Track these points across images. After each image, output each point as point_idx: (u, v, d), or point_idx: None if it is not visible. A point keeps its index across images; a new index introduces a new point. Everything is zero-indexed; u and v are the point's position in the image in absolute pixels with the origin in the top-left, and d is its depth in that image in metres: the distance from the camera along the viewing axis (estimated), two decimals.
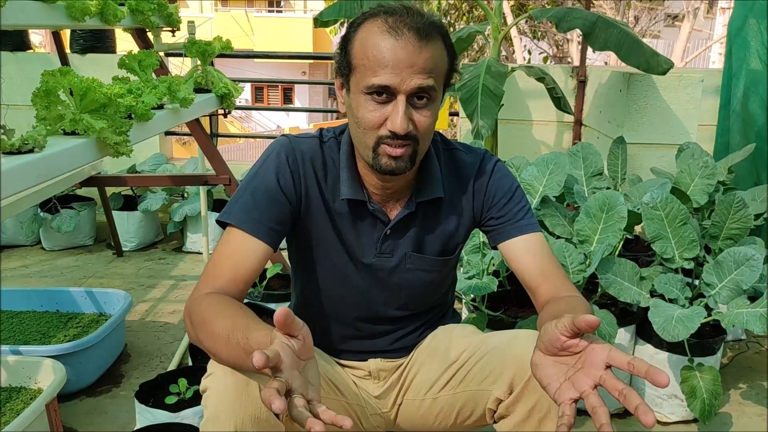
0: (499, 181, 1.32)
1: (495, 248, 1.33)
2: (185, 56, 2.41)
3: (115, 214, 3.51)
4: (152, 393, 1.88)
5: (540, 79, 3.19)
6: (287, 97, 19.68)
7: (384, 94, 1.12)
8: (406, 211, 1.28)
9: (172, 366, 2.32)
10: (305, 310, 1.40)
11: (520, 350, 1.17)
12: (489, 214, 1.31)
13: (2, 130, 1.23)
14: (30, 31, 4.62)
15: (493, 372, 1.23)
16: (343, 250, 1.29)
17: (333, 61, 1.24)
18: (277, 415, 1.12)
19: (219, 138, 4.01)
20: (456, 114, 4.08)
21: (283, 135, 1.32)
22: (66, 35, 4.32)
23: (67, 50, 3.83)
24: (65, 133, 1.42)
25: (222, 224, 1.22)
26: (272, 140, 1.35)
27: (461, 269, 2.25)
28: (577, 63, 3.82)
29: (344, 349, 1.39)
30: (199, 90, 2.27)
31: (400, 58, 1.09)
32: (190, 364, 2.13)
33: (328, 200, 1.27)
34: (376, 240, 1.29)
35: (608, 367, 0.93)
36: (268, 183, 1.22)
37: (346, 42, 1.18)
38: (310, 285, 1.35)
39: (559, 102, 3.22)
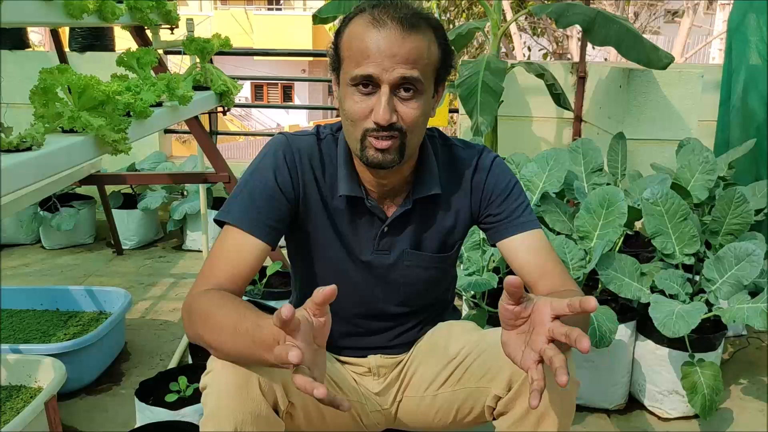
0: (496, 177, 1.31)
1: (494, 245, 1.33)
2: (184, 54, 2.41)
3: (114, 212, 3.51)
4: (152, 391, 1.88)
5: (540, 76, 3.18)
6: (287, 94, 19.66)
7: (369, 85, 1.12)
8: (403, 208, 1.27)
9: (172, 364, 2.31)
10: None
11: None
12: (487, 211, 1.31)
13: (0, 128, 1.23)
14: (29, 29, 4.61)
15: (492, 369, 1.23)
16: (342, 247, 1.29)
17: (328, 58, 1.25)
18: (276, 412, 1.12)
19: (218, 136, 4.02)
20: (456, 111, 4.08)
21: (280, 133, 1.32)
22: (65, 33, 4.31)
23: (66, 48, 3.83)
24: (63, 131, 1.42)
25: (219, 223, 1.22)
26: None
27: (461, 266, 2.25)
28: (576, 59, 3.81)
29: (344, 346, 1.38)
30: (198, 87, 2.27)
31: (382, 48, 1.10)
32: (190, 362, 2.13)
33: (326, 197, 1.27)
34: (373, 237, 1.29)
35: (556, 318, 0.94)
36: (265, 181, 1.22)
37: (337, 37, 1.19)
38: (309, 282, 1.34)
39: (559, 98, 3.21)
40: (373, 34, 1.11)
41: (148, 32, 2.40)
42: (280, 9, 21.15)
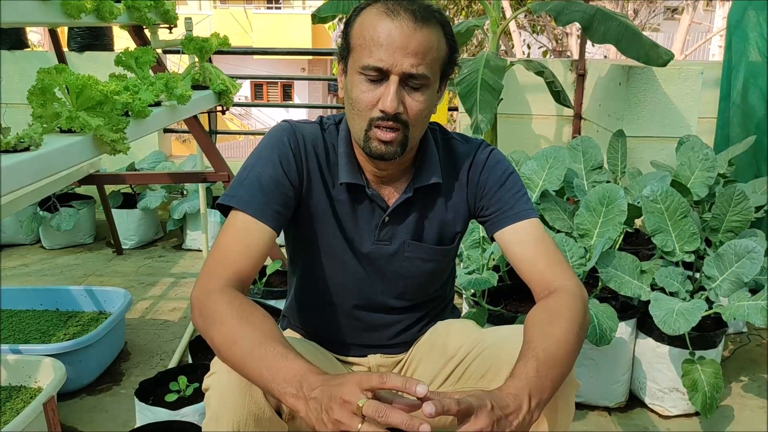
0: (491, 170, 1.31)
1: (492, 239, 1.32)
2: (183, 53, 2.41)
3: (114, 212, 3.51)
4: (152, 391, 1.87)
5: (539, 73, 3.18)
6: (286, 93, 19.64)
7: (378, 74, 1.13)
8: (404, 197, 1.27)
9: (172, 363, 2.31)
10: (304, 300, 1.39)
11: (518, 347, 1.16)
12: (482, 203, 1.31)
13: None
14: (27, 29, 4.61)
15: (492, 368, 1.23)
16: (342, 237, 1.29)
17: (332, 57, 1.25)
18: (279, 415, 1.11)
19: (218, 135, 4.01)
20: (455, 109, 4.07)
21: (284, 120, 1.31)
22: (63, 33, 4.31)
23: (65, 48, 3.83)
24: (62, 131, 1.42)
25: (224, 208, 1.21)
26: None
27: (461, 264, 2.25)
28: (576, 57, 3.81)
29: (344, 343, 1.38)
30: (196, 87, 2.27)
31: (394, 38, 1.11)
32: (190, 361, 2.13)
33: (329, 185, 1.27)
34: (374, 227, 1.29)
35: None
36: (272, 166, 1.22)
37: (347, 26, 1.19)
38: (308, 271, 1.34)
39: (559, 96, 3.21)
40: (385, 24, 1.11)
41: (147, 31, 2.40)
42: (279, 8, 21.11)
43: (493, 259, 2.23)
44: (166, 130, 4.31)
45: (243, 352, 1.00)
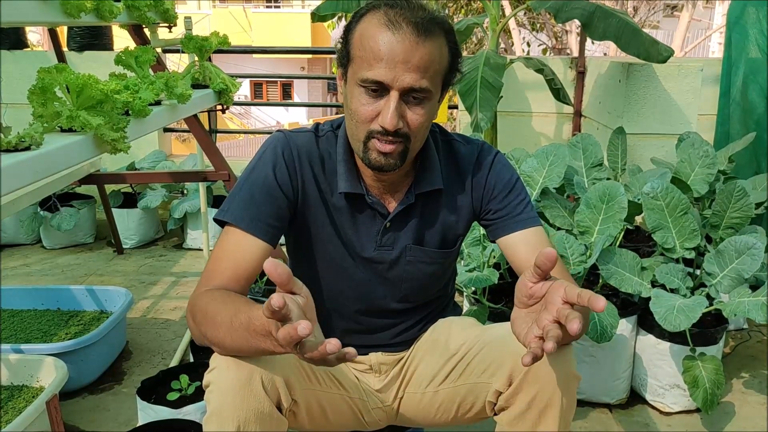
0: (498, 174, 1.31)
1: (494, 242, 1.33)
2: (183, 52, 2.41)
3: (114, 211, 3.51)
4: (154, 389, 1.88)
5: (539, 71, 3.18)
6: (286, 92, 19.64)
7: (378, 88, 1.11)
8: (405, 203, 1.27)
9: (173, 362, 2.32)
10: None
11: (520, 343, 1.17)
12: (488, 207, 1.31)
13: None
14: (27, 29, 4.61)
15: (493, 364, 1.23)
16: (341, 245, 1.29)
17: (331, 56, 1.24)
18: (280, 410, 1.12)
19: (218, 134, 4.01)
20: (455, 107, 4.07)
21: (279, 130, 1.31)
22: (63, 33, 4.31)
23: (65, 48, 3.83)
24: (62, 130, 1.42)
25: (220, 222, 1.22)
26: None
27: (462, 262, 2.25)
28: (576, 54, 3.81)
29: (346, 343, 1.37)
30: (196, 86, 2.27)
31: (395, 52, 1.09)
32: (192, 360, 2.13)
33: (326, 194, 1.27)
34: (375, 233, 1.28)
35: (565, 303, 0.94)
36: (265, 179, 1.22)
37: (347, 32, 1.18)
38: (309, 279, 1.34)
39: (559, 93, 3.21)
40: (386, 37, 1.09)
41: (147, 31, 2.40)
42: (278, 7, 21.11)
43: (494, 257, 2.23)
44: (166, 129, 4.31)
45: (226, 335, 1.03)
